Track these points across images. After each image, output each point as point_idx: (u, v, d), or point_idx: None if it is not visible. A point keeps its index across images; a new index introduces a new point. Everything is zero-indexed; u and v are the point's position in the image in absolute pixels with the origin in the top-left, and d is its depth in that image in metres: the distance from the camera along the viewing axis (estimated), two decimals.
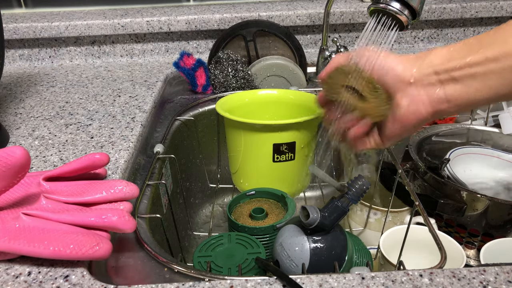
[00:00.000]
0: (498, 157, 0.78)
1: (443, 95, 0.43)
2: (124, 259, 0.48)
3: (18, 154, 0.40)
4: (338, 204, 0.51)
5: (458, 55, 0.42)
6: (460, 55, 0.42)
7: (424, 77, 0.43)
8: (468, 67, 0.41)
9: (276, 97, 0.81)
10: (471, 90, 0.42)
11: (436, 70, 0.43)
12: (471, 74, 0.41)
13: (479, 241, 0.69)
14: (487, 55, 0.40)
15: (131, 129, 0.70)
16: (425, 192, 0.73)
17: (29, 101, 0.83)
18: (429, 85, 0.43)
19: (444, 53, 0.43)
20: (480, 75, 0.41)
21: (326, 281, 0.41)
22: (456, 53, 0.42)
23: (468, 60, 0.41)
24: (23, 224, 0.42)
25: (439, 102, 0.43)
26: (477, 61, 0.41)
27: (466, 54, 0.42)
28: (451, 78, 0.42)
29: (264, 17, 1.03)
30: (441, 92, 0.43)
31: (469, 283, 0.40)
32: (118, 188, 0.48)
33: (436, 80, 0.43)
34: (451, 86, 0.42)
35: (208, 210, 0.93)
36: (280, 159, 0.70)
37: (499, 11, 1.08)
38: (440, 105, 0.43)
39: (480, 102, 0.42)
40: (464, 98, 0.42)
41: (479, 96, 0.42)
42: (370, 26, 0.48)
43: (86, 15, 1.06)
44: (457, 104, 0.43)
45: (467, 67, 0.41)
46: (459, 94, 0.42)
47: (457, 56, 0.42)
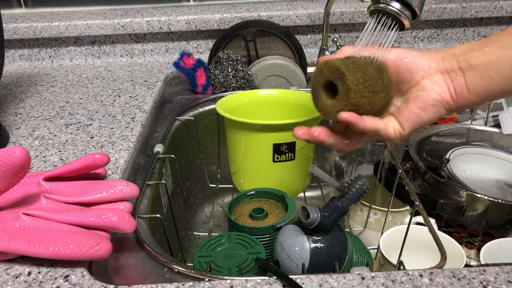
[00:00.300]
0: (498, 157, 0.78)
1: (463, 82, 0.45)
2: (124, 259, 0.49)
3: (18, 154, 0.40)
4: (338, 204, 0.51)
5: (477, 46, 0.45)
6: (478, 46, 0.45)
7: (447, 65, 0.46)
8: (484, 55, 0.44)
9: (276, 97, 0.81)
10: (487, 78, 0.44)
11: (457, 59, 0.45)
12: (487, 62, 0.44)
13: (479, 241, 0.69)
14: (502, 44, 0.44)
15: (131, 129, 0.70)
16: (425, 192, 0.73)
17: (29, 101, 0.83)
18: (451, 71, 0.45)
19: (465, 46, 0.46)
20: (494, 63, 0.43)
21: (326, 281, 0.41)
22: (476, 45, 0.45)
23: (485, 50, 0.44)
24: (23, 224, 0.42)
25: (461, 89, 0.45)
26: (493, 51, 0.44)
27: (484, 45, 0.45)
28: (469, 65, 0.45)
29: (264, 17, 1.03)
30: (462, 79, 0.45)
31: (469, 283, 0.40)
32: (118, 188, 0.48)
33: (457, 67, 0.45)
34: (469, 73, 0.45)
35: (208, 210, 0.93)
36: (280, 159, 0.70)
37: (499, 11, 1.08)
38: (462, 92, 0.45)
39: (496, 91, 0.45)
40: (481, 86, 0.45)
41: (494, 85, 0.44)
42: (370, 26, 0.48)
43: (86, 15, 1.06)
44: (476, 92, 0.45)
45: (484, 55, 0.44)
46: (477, 82, 0.45)
47: (476, 47, 0.45)
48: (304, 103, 0.78)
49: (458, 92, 0.46)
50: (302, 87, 0.92)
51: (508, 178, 0.76)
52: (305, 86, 0.94)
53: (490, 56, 0.44)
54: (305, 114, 0.69)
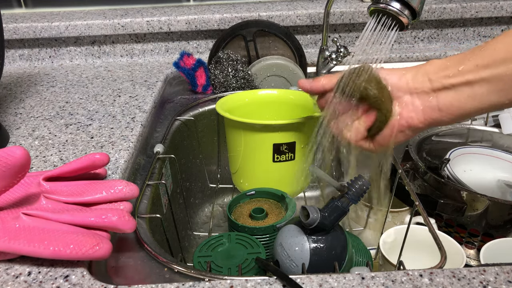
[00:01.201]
0: (498, 157, 0.78)
1: (435, 103, 0.44)
2: (124, 259, 0.49)
3: (18, 154, 0.40)
4: (338, 204, 0.50)
5: (452, 64, 0.43)
6: (453, 64, 0.43)
7: (418, 85, 0.44)
8: (460, 75, 0.42)
9: (276, 97, 0.81)
10: (463, 98, 0.43)
11: (430, 78, 0.44)
12: (463, 81, 0.42)
13: (479, 241, 0.69)
14: (478, 62, 0.42)
15: (131, 129, 0.70)
16: (425, 192, 0.73)
17: (29, 101, 0.83)
18: (423, 93, 0.44)
19: (439, 63, 0.45)
20: (471, 82, 0.42)
21: (326, 281, 0.41)
22: (451, 63, 0.44)
23: (460, 68, 0.43)
24: (23, 224, 0.42)
25: (432, 110, 0.44)
26: (468, 69, 0.42)
27: (459, 63, 0.43)
28: (443, 86, 0.43)
29: (264, 17, 1.03)
30: (434, 100, 0.44)
31: (469, 283, 0.40)
32: (118, 188, 0.48)
33: (430, 88, 0.44)
34: (443, 94, 0.43)
35: (208, 210, 0.93)
36: (280, 159, 0.70)
37: (499, 11, 1.08)
38: (432, 114, 0.44)
39: (472, 110, 0.43)
40: (456, 106, 0.43)
41: (470, 104, 0.43)
42: (370, 26, 0.48)
43: (86, 15, 1.06)
44: (449, 112, 0.44)
45: (459, 75, 0.42)
46: (451, 102, 0.43)
47: (451, 65, 0.43)
48: (304, 103, 0.78)
49: (427, 115, 0.44)
50: None
51: (508, 178, 0.77)
52: None
53: (465, 76, 0.42)
54: (305, 114, 0.69)
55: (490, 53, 0.42)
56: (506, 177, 0.77)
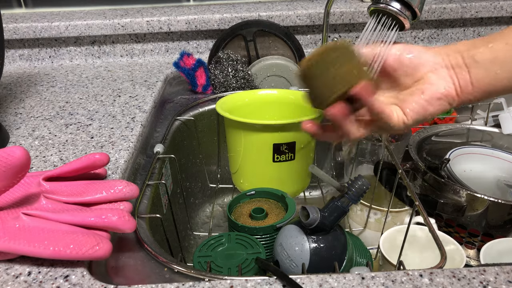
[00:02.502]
0: (498, 157, 0.78)
1: (468, 78, 0.45)
2: (124, 259, 0.49)
3: (18, 154, 0.40)
4: (338, 204, 0.51)
5: (481, 43, 0.45)
6: (483, 42, 0.45)
7: (452, 60, 0.46)
8: (489, 51, 0.44)
9: (276, 97, 0.81)
10: (492, 75, 0.44)
11: (462, 55, 0.46)
12: (492, 58, 0.44)
13: (479, 241, 0.69)
14: (508, 41, 0.44)
15: (131, 129, 0.70)
16: (425, 192, 0.73)
17: (29, 101, 0.83)
18: (457, 66, 0.46)
19: (469, 42, 0.47)
20: (499, 59, 0.44)
21: (326, 281, 0.41)
22: (480, 41, 0.46)
23: (490, 46, 0.44)
24: (23, 224, 0.42)
25: (466, 83, 0.45)
26: (497, 47, 0.44)
27: (488, 42, 0.45)
28: (474, 61, 0.45)
29: (264, 17, 1.03)
30: (467, 75, 0.45)
31: (469, 283, 0.40)
32: (118, 188, 0.48)
33: (462, 63, 0.45)
34: (474, 69, 0.45)
35: (208, 210, 0.93)
36: (280, 159, 0.70)
37: (499, 11, 1.08)
38: (467, 87, 0.46)
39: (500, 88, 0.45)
40: (486, 82, 0.45)
41: (499, 82, 0.44)
42: (370, 26, 0.48)
43: (86, 15, 1.06)
44: (480, 88, 0.45)
45: (488, 52, 0.44)
46: (482, 78, 0.45)
47: (480, 44, 0.45)
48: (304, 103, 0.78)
49: (462, 87, 0.46)
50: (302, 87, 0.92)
51: (508, 178, 0.76)
52: None
53: (495, 53, 0.44)
54: (305, 114, 0.69)
55: None
56: (506, 177, 0.77)
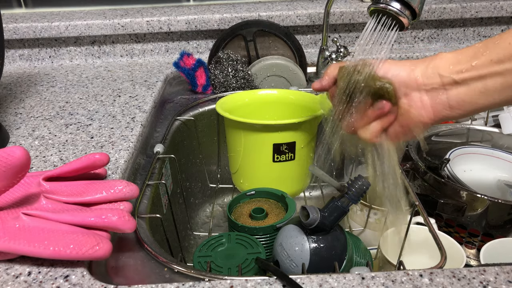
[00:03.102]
0: (498, 157, 0.78)
1: (445, 100, 0.43)
2: (124, 259, 0.49)
3: (18, 154, 0.40)
4: (338, 204, 0.50)
5: (464, 59, 0.42)
6: (466, 58, 0.42)
7: (428, 81, 0.43)
8: (473, 69, 0.41)
9: (276, 97, 0.81)
10: (475, 93, 0.42)
11: (440, 74, 0.43)
12: (476, 76, 0.41)
13: (479, 241, 0.69)
14: (492, 57, 0.41)
15: (131, 129, 0.70)
16: (425, 192, 0.73)
17: (29, 101, 0.83)
18: (432, 89, 0.43)
19: (450, 57, 0.43)
20: (484, 77, 0.41)
21: (326, 281, 0.41)
22: (462, 57, 0.42)
23: (474, 63, 0.41)
24: (23, 224, 0.42)
25: (442, 107, 0.43)
26: (482, 63, 0.41)
27: (472, 58, 0.42)
28: (454, 81, 0.42)
29: (264, 17, 1.03)
30: (444, 97, 0.43)
31: (469, 283, 0.40)
32: (118, 188, 0.48)
33: (440, 85, 0.43)
34: (454, 90, 0.42)
35: (208, 210, 0.93)
36: (280, 159, 0.70)
37: (499, 11, 1.08)
38: (442, 111, 0.44)
39: (483, 106, 0.42)
40: (467, 102, 0.42)
41: (483, 100, 0.42)
42: (370, 26, 0.48)
43: (86, 15, 1.06)
44: (460, 108, 0.43)
45: (472, 70, 0.41)
46: (462, 98, 0.42)
47: (463, 60, 0.42)
48: (304, 103, 0.78)
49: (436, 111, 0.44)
50: (302, 87, 0.92)
51: (508, 178, 0.76)
52: (305, 86, 0.94)
53: (479, 71, 0.41)
54: (305, 114, 0.69)
55: (505, 46, 0.41)
56: (506, 177, 0.77)
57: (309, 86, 0.96)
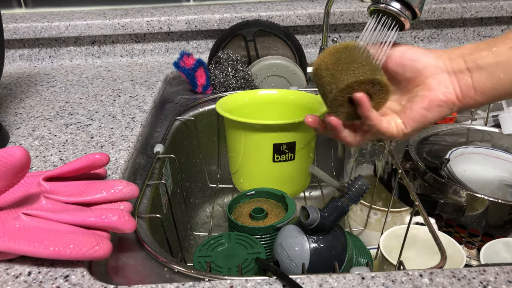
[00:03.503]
0: (498, 157, 0.78)
1: (470, 83, 0.45)
2: (124, 259, 0.49)
3: (18, 154, 0.40)
4: (338, 204, 0.51)
5: (485, 46, 0.45)
6: (486, 46, 0.45)
7: (454, 64, 0.46)
8: (492, 55, 0.44)
9: (276, 97, 0.81)
10: (495, 78, 0.44)
11: (465, 59, 0.45)
12: (495, 62, 0.44)
13: (479, 241, 0.69)
14: (511, 45, 0.44)
15: (131, 129, 0.70)
16: (425, 192, 0.73)
17: (29, 101, 0.83)
18: (459, 71, 0.45)
19: (472, 46, 0.46)
20: (503, 63, 0.43)
21: (326, 281, 0.41)
22: (484, 45, 0.45)
23: (493, 49, 0.44)
24: (23, 224, 0.42)
25: (468, 88, 0.45)
26: (501, 51, 0.44)
27: (492, 45, 0.45)
28: (477, 66, 0.45)
29: (264, 17, 1.03)
30: (469, 81, 0.45)
31: (469, 283, 0.40)
32: (118, 188, 0.48)
33: (465, 68, 0.45)
34: (477, 74, 0.45)
35: (208, 210, 0.93)
36: (280, 159, 0.70)
37: (499, 11, 1.08)
38: (468, 92, 0.45)
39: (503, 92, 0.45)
40: (488, 87, 0.44)
41: (502, 86, 0.44)
42: (370, 26, 0.48)
43: (86, 15, 1.06)
44: (483, 92, 0.45)
45: (491, 56, 0.44)
46: (484, 82, 0.45)
47: (484, 47, 0.45)
48: (304, 103, 0.78)
49: (464, 92, 0.45)
50: (302, 87, 0.92)
51: (508, 178, 0.76)
52: (305, 86, 0.94)
53: (498, 57, 0.44)
54: (305, 114, 0.69)
55: None
56: (506, 177, 0.77)
57: (309, 86, 0.96)
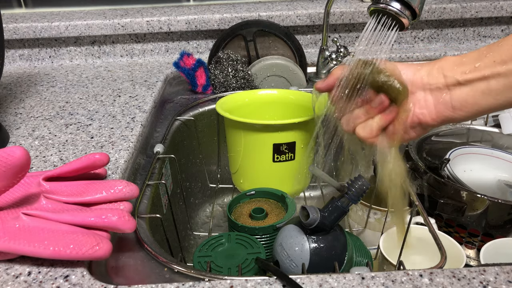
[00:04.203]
0: (498, 157, 0.78)
1: (449, 101, 0.43)
2: (124, 259, 0.49)
3: (18, 154, 0.40)
4: (338, 204, 0.50)
5: (468, 61, 0.43)
6: (470, 60, 0.43)
7: (432, 81, 0.44)
8: (476, 70, 0.42)
9: (276, 97, 0.81)
10: (478, 94, 0.42)
11: (445, 74, 0.43)
12: (479, 77, 0.42)
13: (479, 241, 0.69)
14: (495, 58, 0.41)
15: (131, 129, 0.70)
16: (425, 192, 0.73)
17: (29, 101, 0.83)
18: (436, 89, 0.44)
19: (454, 59, 0.44)
20: (487, 77, 0.42)
21: (326, 281, 0.41)
22: (466, 59, 0.43)
23: (477, 65, 0.42)
24: (23, 224, 0.42)
25: (445, 107, 0.44)
26: (485, 65, 0.42)
27: (476, 60, 0.43)
28: (458, 82, 0.43)
29: (264, 17, 1.03)
30: (447, 98, 0.43)
31: (469, 283, 0.40)
32: (118, 188, 0.48)
33: (444, 84, 0.44)
34: (457, 90, 0.43)
35: (208, 210, 0.93)
36: (280, 159, 0.70)
37: (499, 11, 1.08)
38: (445, 111, 0.44)
39: (486, 107, 0.43)
40: (470, 103, 0.43)
41: (485, 101, 0.42)
42: (370, 26, 0.48)
43: (86, 15, 1.06)
44: (463, 110, 0.43)
45: (475, 71, 0.42)
46: (465, 98, 0.43)
47: (467, 62, 0.43)
48: (304, 103, 0.78)
49: (439, 112, 0.44)
50: (302, 87, 0.92)
51: (508, 178, 0.76)
52: (305, 86, 0.94)
53: (482, 72, 0.42)
54: (305, 114, 0.69)
55: (508, 48, 0.41)
56: (506, 177, 0.77)
57: (309, 86, 0.96)
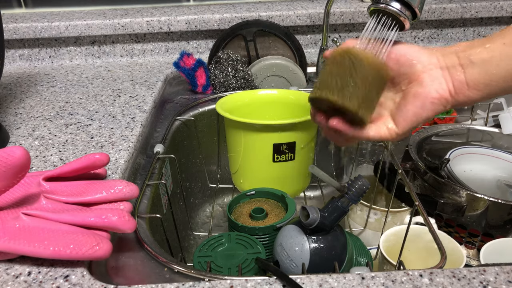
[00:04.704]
0: (498, 157, 0.78)
1: (463, 79, 0.45)
2: (124, 259, 0.49)
3: (18, 154, 0.40)
4: (338, 204, 0.50)
5: (478, 43, 0.45)
6: (480, 43, 0.45)
7: (447, 60, 0.46)
8: (485, 52, 0.44)
9: (276, 97, 0.81)
10: (488, 75, 0.44)
11: (458, 55, 0.46)
12: (488, 58, 0.44)
13: (479, 241, 0.69)
14: (505, 41, 0.44)
15: (131, 129, 0.70)
16: (425, 192, 0.73)
17: (29, 101, 0.83)
18: (452, 67, 0.46)
19: (467, 43, 0.47)
20: (496, 58, 0.44)
21: (326, 281, 0.41)
22: (477, 42, 0.46)
23: (487, 46, 0.44)
24: (23, 224, 0.42)
25: (461, 84, 0.45)
26: (495, 47, 0.44)
27: (486, 42, 0.45)
28: (470, 61, 0.45)
29: (264, 17, 1.03)
30: (462, 76, 0.45)
31: (469, 283, 0.40)
32: (118, 188, 0.48)
33: (458, 63, 0.45)
34: (469, 70, 0.45)
35: (208, 210, 0.93)
36: (280, 159, 0.70)
37: (499, 11, 1.08)
38: (462, 88, 0.45)
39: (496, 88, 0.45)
40: (482, 83, 0.45)
41: (495, 82, 0.44)
42: (370, 26, 0.48)
43: (86, 15, 1.06)
44: (476, 88, 0.45)
45: (484, 52, 0.44)
46: (477, 78, 0.45)
47: (477, 44, 0.45)
48: (304, 103, 0.78)
49: (457, 88, 0.45)
50: (302, 87, 0.92)
51: (508, 178, 0.76)
52: (305, 86, 0.94)
53: (491, 52, 0.44)
54: (305, 114, 0.69)
55: None
56: (506, 177, 0.77)
57: (309, 86, 0.96)
